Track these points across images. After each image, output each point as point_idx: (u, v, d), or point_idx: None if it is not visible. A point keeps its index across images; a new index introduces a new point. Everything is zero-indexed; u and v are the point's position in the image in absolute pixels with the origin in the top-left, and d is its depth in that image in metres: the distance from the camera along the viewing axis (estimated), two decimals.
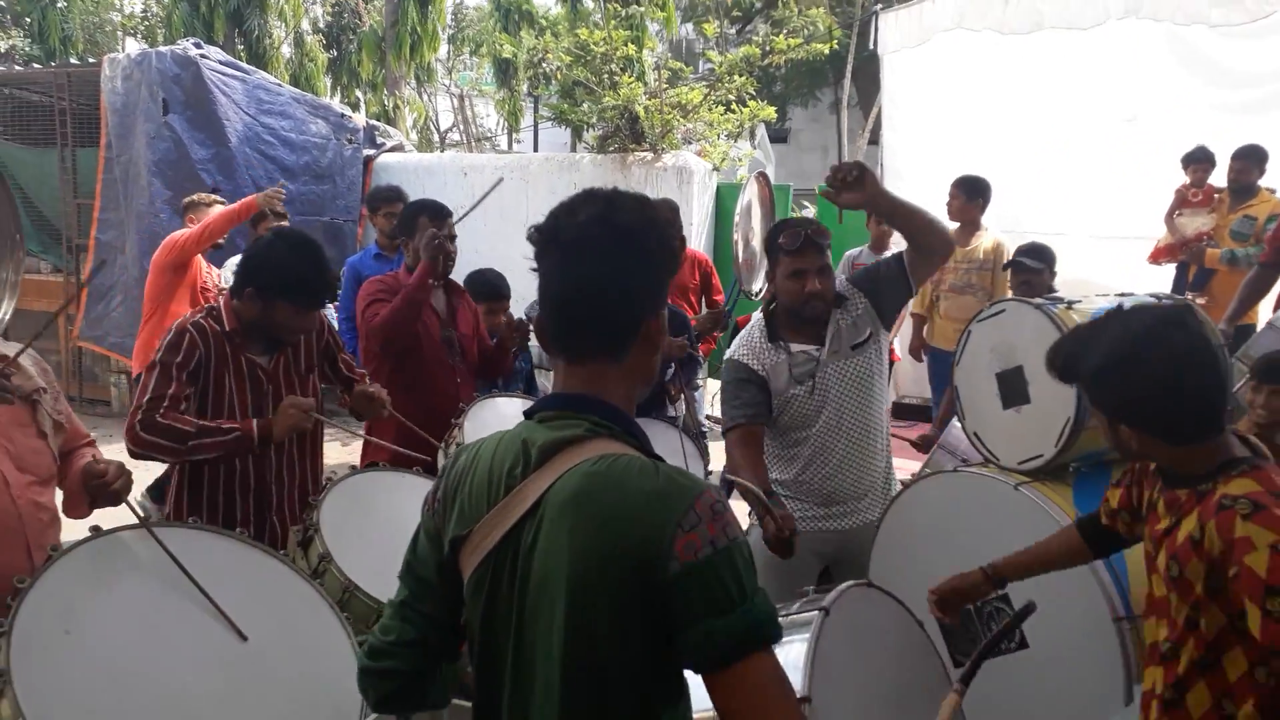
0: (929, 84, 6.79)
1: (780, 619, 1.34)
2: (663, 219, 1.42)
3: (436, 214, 3.73)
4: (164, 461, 2.81)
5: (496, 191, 8.60)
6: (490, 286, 4.30)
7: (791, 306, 2.94)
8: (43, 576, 1.97)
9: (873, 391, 2.97)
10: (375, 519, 2.80)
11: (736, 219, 4.75)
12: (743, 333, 3.11)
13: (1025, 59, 6.20)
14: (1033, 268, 4.48)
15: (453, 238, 3.77)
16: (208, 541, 2.31)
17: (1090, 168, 6.09)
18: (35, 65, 10.73)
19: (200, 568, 2.18)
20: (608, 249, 1.36)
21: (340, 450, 6.23)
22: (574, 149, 12.70)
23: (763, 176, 5.21)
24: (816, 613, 1.75)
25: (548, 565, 1.31)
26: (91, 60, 10.68)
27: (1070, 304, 2.58)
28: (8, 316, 2.39)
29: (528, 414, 1.48)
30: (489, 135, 20.10)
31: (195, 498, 2.80)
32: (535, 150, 18.25)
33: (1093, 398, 1.88)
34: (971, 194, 5.43)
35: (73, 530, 2.24)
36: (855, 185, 2.72)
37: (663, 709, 1.34)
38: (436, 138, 19.85)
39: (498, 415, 3.53)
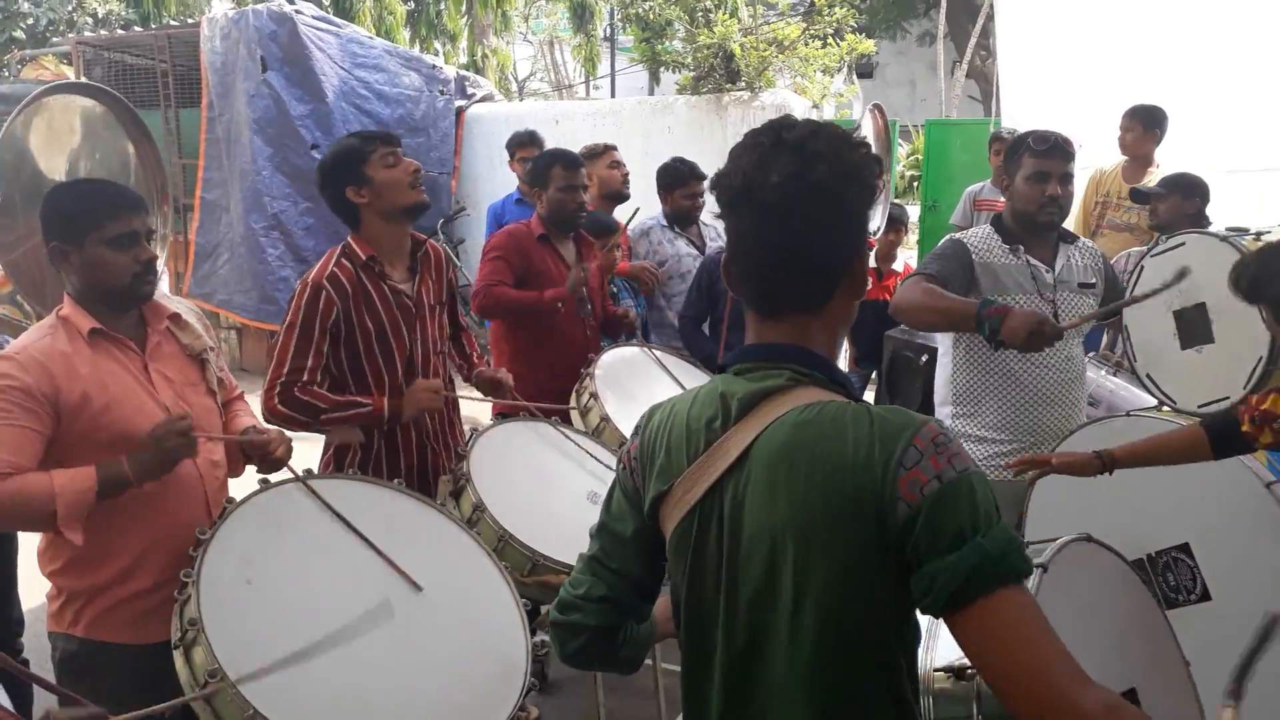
0: (1049, 8, 6.44)
1: None
2: (859, 158, 1.31)
3: (570, 165, 3.69)
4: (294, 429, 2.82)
5: (590, 137, 8.53)
6: (603, 224, 4.24)
7: (1026, 211, 2.86)
8: (221, 528, 2.00)
9: (1081, 341, 2.93)
10: (521, 468, 2.80)
11: None
12: (973, 230, 3.06)
13: None
14: (1152, 193, 4.26)
15: (586, 186, 3.73)
16: (366, 492, 2.32)
17: (1223, 96, 5.72)
18: (135, 29, 10.92)
19: (362, 519, 2.20)
20: (806, 212, 1.28)
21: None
22: (651, 93, 12.49)
23: (878, 109, 5.02)
24: (1035, 569, 1.64)
25: (762, 520, 1.26)
26: (187, 21, 10.83)
27: (1259, 235, 2.40)
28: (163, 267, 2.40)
29: (722, 367, 1.43)
30: (570, 84, 19.93)
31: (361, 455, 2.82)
32: (613, 96, 18.05)
33: None
34: (1149, 124, 5.07)
35: (236, 487, 2.28)
36: None
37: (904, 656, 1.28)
38: (515, 87, 19.76)
39: (628, 364, 3.49)
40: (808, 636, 1.24)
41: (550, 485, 2.80)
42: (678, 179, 4.64)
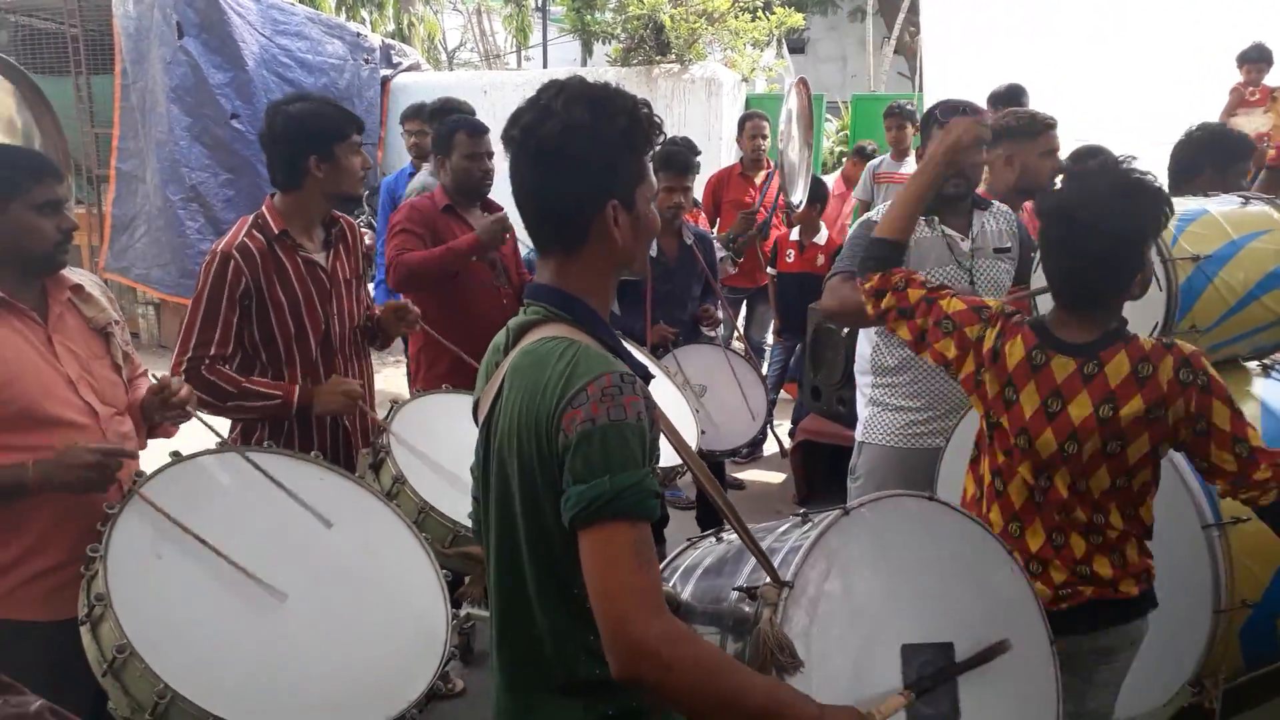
0: None
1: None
2: (590, 115, 1.42)
3: (474, 130, 3.62)
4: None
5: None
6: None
7: None
8: (130, 502, 1.97)
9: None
10: (441, 440, 2.78)
11: (781, 128, 4.63)
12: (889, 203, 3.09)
13: None
14: (1064, 168, 4.38)
15: (490, 154, 3.67)
16: (284, 465, 2.30)
17: (1140, 70, 5.89)
18: None
19: (280, 490, 2.18)
20: (536, 160, 1.45)
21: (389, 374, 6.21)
22: (584, 64, 12.39)
23: (803, 83, 5.07)
24: (837, 511, 1.65)
25: (504, 426, 1.47)
26: None
27: None
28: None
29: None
30: (499, 54, 19.64)
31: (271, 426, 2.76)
32: (545, 67, 17.85)
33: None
34: (1006, 106, 5.21)
35: (148, 460, 2.23)
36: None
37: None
38: (445, 56, 19.41)
39: None
40: (520, 523, 1.46)
41: (470, 456, 2.79)
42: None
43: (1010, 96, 5.35)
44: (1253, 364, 2.73)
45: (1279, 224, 2.61)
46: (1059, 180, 2.31)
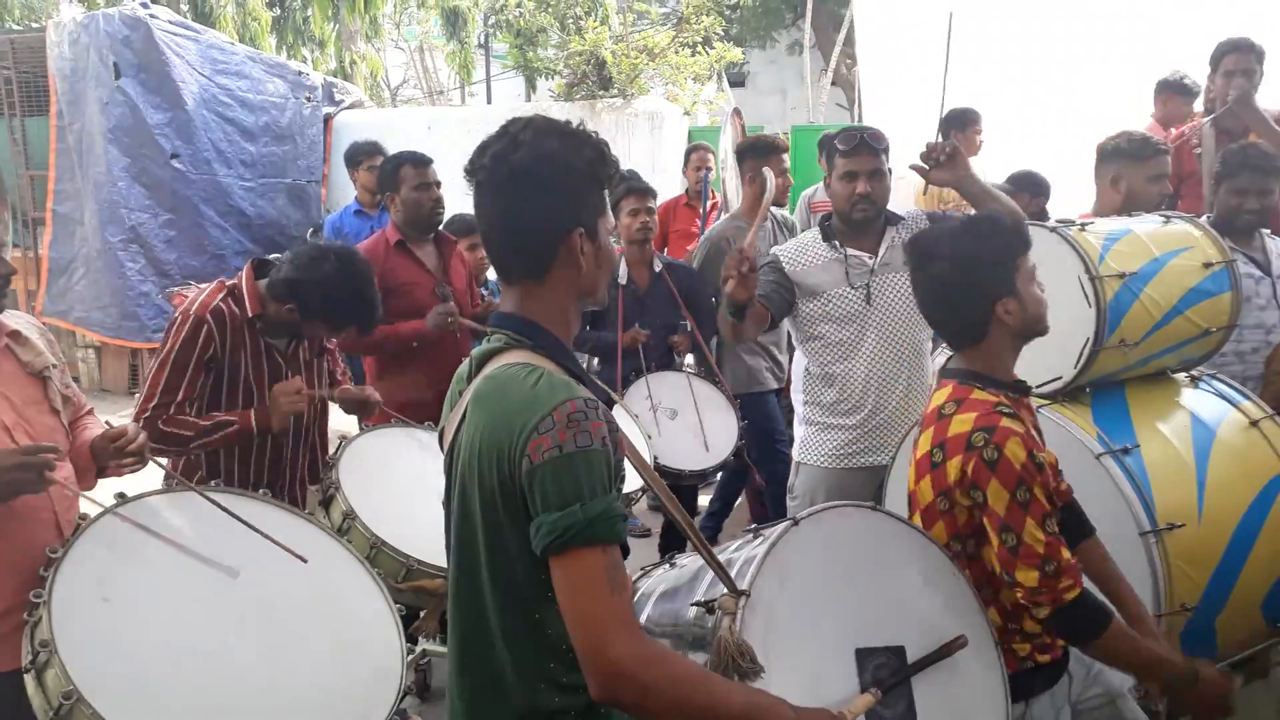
0: (907, 16, 6.74)
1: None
2: (558, 145, 1.48)
3: (419, 162, 3.65)
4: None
5: (464, 144, 8.49)
6: (468, 222, 4.22)
7: (840, 210, 2.99)
8: (74, 546, 1.94)
9: (926, 328, 2.99)
10: (392, 475, 2.78)
11: (723, 157, 4.71)
12: (798, 237, 3.17)
13: None
14: (1003, 189, 4.52)
15: (438, 184, 3.69)
16: (233, 503, 2.27)
17: (1075, 96, 6.09)
18: None
19: (229, 529, 2.15)
20: (506, 186, 1.48)
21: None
22: (528, 99, 12.49)
23: (737, 114, 5.17)
24: (787, 522, 1.71)
25: (466, 454, 1.49)
26: (31, 26, 10.28)
27: (1083, 226, 2.58)
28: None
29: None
30: (443, 90, 19.69)
31: (208, 466, 2.74)
32: (489, 103, 17.93)
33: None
34: (957, 129, 5.37)
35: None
36: (947, 164, 2.73)
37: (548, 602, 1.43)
38: (388, 94, 19.40)
39: None
40: (482, 550, 1.49)
41: (422, 490, 2.77)
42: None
43: (961, 119, 5.47)
44: (1181, 375, 2.82)
45: (1199, 241, 2.72)
46: None
